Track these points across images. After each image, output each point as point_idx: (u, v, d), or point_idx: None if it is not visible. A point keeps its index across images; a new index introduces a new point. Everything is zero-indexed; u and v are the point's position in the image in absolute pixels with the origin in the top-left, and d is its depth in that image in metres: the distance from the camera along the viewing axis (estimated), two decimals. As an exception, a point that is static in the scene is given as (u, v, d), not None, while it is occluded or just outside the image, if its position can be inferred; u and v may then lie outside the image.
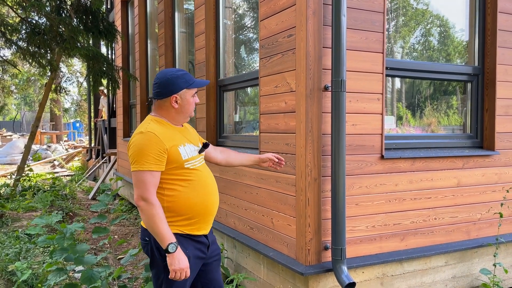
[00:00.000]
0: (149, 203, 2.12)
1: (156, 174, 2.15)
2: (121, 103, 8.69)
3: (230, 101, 4.69)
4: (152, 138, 2.15)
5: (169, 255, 2.13)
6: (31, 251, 4.69)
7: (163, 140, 2.17)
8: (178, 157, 2.21)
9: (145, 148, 2.13)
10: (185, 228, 2.26)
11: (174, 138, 2.25)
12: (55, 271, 3.01)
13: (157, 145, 2.14)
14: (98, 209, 3.30)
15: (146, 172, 2.12)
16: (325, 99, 3.00)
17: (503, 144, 3.78)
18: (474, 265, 3.66)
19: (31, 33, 7.18)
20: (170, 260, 2.13)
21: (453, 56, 3.96)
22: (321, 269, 2.97)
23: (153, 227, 2.13)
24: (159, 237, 2.13)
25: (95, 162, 12.18)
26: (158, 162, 2.15)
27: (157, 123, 2.27)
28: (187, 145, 2.30)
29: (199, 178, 2.30)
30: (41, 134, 22.89)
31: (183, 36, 6.06)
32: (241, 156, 2.73)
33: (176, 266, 2.13)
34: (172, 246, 2.12)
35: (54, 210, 7.09)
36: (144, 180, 2.12)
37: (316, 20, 2.94)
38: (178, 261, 2.13)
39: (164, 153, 2.16)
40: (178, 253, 2.14)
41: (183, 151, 2.24)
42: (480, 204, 3.68)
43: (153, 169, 2.13)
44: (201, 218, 2.30)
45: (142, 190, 2.13)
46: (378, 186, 3.23)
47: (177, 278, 2.16)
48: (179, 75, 2.27)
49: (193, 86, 2.30)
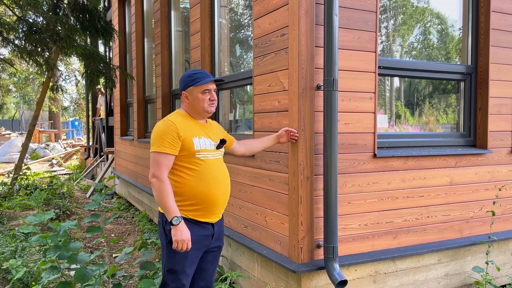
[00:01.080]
0: (160, 180, 2.39)
1: (169, 157, 2.43)
2: (118, 101, 8.70)
3: (225, 100, 4.70)
4: (170, 125, 2.45)
5: (173, 227, 2.37)
6: (26, 249, 4.71)
7: (180, 128, 2.45)
8: (190, 146, 2.46)
9: (162, 133, 2.43)
10: (190, 213, 2.49)
11: (191, 129, 2.51)
12: (49, 269, 3.03)
13: (173, 131, 2.43)
14: (92, 207, 3.32)
15: (161, 153, 2.41)
16: (317, 98, 3.02)
17: (496, 143, 3.80)
18: (466, 263, 3.68)
19: (28, 31, 7.19)
20: (173, 232, 2.38)
21: (447, 55, 3.98)
22: (314, 267, 2.99)
23: (161, 201, 2.39)
24: (166, 210, 2.39)
25: (93, 161, 12.18)
26: (172, 147, 2.42)
27: (180, 115, 2.57)
28: (203, 138, 2.54)
29: (207, 169, 2.50)
30: (39, 132, 22.88)
31: (179, 35, 6.07)
32: (261, 142, 3.04)
33: (178, 237, 2.36)
34: (176, 219, 2.37)
35: (51, 208, 7.11)
36: (158, 160, 2.41)
37: (309, 20, 2.96)
38: (181, 232, 2.37)
39: (178, 139, 2.43)
40: (181, 225, 2.38)
41: (196, 142, 2.49)
42: (473, 203, 3.70)
43: (167, 152, 2.42)
44: (205, 207, 2.50)
45: (155, 169, 2.41)
46: (371, 185, 3.25)
47: (179, 249, 2.38)
48: (190, 74, 2.56)
49: (199, 83, 2.53)
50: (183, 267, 2.46)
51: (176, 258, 2.45)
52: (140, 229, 6.28)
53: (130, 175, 7.73)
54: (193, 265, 2.52)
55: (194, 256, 2.50)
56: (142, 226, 6.29)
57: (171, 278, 2.49)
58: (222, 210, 2.63)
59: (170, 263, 2.48)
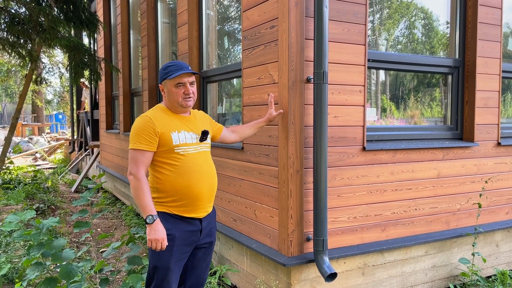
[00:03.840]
0: (136, 178, 2.35)
1: (146, 154, 2.39)
2: (104, 94, 8.57)
3: (213, 93, 4.66)
4: (147, 121, 2.40)
5: (148, 226, 2.34)
6: (11, 245, 4.62)
7: (156, 124, 2.39)
8: (168, 141, 2.40)
9: (139, 130, 2.39)
10: (174, 209, 2.43)
11: (170, 124, 2.44)
12: (33, 265, 2.96)
13: (150, 128, 2.38)
14: (79, 204, 3.25)
15: (137, 150, 2.38)
16: (307, 91, 3.00)
17: (482, 136, 3.84)
18: (453, 254, 3.73)
19: (10, 22, 7.00)
20: (148, 230, 2.35)
21: (431, 49, 3.99)
22: (303, 260, 2.99)
23: (137, 199, 2.37)
24: (141, 208, 2.36)
25: (78, 155, 12.02)
26: (149, 143, 2.38)
27: (159, 110, 2.51)
28: (184, 132, 2.46)
29: (188, 164, 2.43)
30: (22, 126, 22.48)
31: (166, 27, 5.98)
32: (252, 127, 3.01)
33: (152, 236, 2.33)
34: (150, 217, 2.33)
35: (36, 203, 6.99)
36: (135, 157, 2.38)
37: (299, 11, 2.93)
38: (155, 231, 2.33)
39: (155, 135, 2.38)
40: (155, 224, 2.34)
41: (175, 136, 2.42)
42: (460, 195, 3.74)
43: (143, 149, 2.37)
44: (188, 202, 2.44)
45: (132, 166, 2.38)
46: (360, 178, 3.26)
47: (153, 248, 2.35)
48: (165, 67, 2.49)
49: (171, 77, 2.45)
50: (168, 264, 2.41)
51: (161, 255, 2.40)
52: (127, 223, 6.22)
53: (116, 169, 7.64)
54: (180, 262, 2.47)
55: (181, 252, 2.45)
56: (129, 221, 6.23)
57: (156, 274, 2.44)
58: (209, 204, 2.55)
59: (154, 259, 2.43)
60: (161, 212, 2.42)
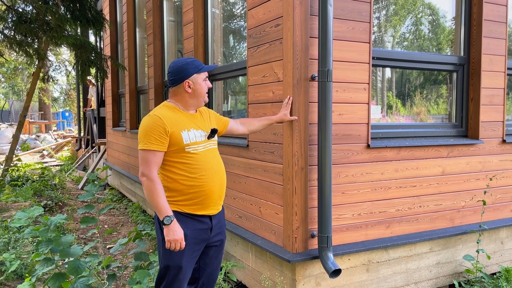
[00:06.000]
0: (149, 179, 2.32)
1: (158, 154, 2.35)
2: (110, 92, 8.63)
3: (219, 91, 4.69)
4: (156, 121, 2.35)
5: (165, 227, 2.33)
6: (20, 241, 4.69)
7: (166, 123, 2.35)
8: (179, 141, 2.37)
9: (149, 130, 2.34)
10: (185, 207, 2.43)
11: (179, 123, 2.41)
12: (42, 261, 3.02)
13: (160, 127, 2.33)
14: (85, 199, 3.30)
15: (148, 151, 2.34)
16: (311, 89, 3.02)
17: (487, 133, 3.84)
18: (458, 251, 3.74)
19: (17, 21, 7.08)
20: (166, 232, 2.34)
21: (438, 46, 3.99)
22: (308, 256, 3.02)
23: (151, 201, 2.34)
24: (157, 210, 2.34)
25: (84, 152, 12.11)
26: (160, 143, 2.34)
27: (167, 108, 2.45)
28: (193, 130, 2.45)
29: (199, 162, 2.42)
30: (29, 123, 22.66)
31: (171, 25, 6.01)
32: (262, 121, 3.00)
33: (171, 237, 2.32)
34: (167, 218, 2.32)
35: (43, 200, 7.07)
36: (146, 158, 2.34)
37: (303, 10, 2.95)
38: (173, 232, 2.32)
39: (166, 135, 2.34)
40: (173, 225, 2.33)
41: (185, 135, 2.40)
42: (464, 192, 3.75)
43: (154, 149, 2.33)
44: (200, 200, 2.44)
45: (144, 167, 2.34)
46: (364, 175, 3.28)
47: (172, 248, 2.35)
48: (188, 62, 2.45)
49: (203, 70, 2.47)
50: (180, 263, 2.41)
51: (172, 254, 2.40)
52: (134, 220, 6.28)
53: (122, 166, 7.70)
54: (192, 260, 2.47)
55: (192, 251, 2.45)
56: (136, 217, 6.29)
57: (167, 273, 2.44)
58: (220, 201, 2.56)
59: (166, 259, 2.43)
60: (173, 211, 2.40)
